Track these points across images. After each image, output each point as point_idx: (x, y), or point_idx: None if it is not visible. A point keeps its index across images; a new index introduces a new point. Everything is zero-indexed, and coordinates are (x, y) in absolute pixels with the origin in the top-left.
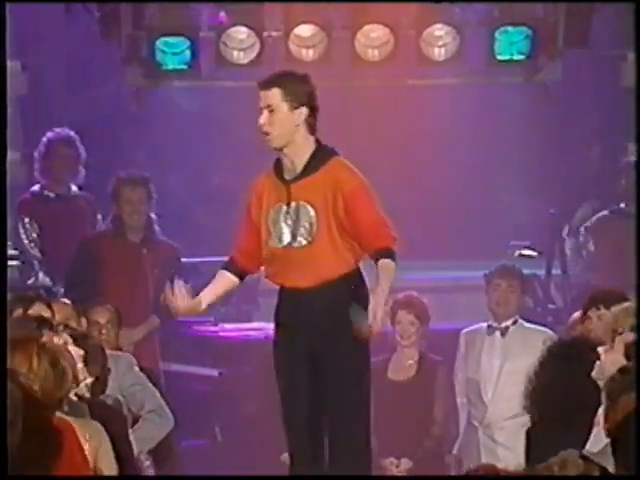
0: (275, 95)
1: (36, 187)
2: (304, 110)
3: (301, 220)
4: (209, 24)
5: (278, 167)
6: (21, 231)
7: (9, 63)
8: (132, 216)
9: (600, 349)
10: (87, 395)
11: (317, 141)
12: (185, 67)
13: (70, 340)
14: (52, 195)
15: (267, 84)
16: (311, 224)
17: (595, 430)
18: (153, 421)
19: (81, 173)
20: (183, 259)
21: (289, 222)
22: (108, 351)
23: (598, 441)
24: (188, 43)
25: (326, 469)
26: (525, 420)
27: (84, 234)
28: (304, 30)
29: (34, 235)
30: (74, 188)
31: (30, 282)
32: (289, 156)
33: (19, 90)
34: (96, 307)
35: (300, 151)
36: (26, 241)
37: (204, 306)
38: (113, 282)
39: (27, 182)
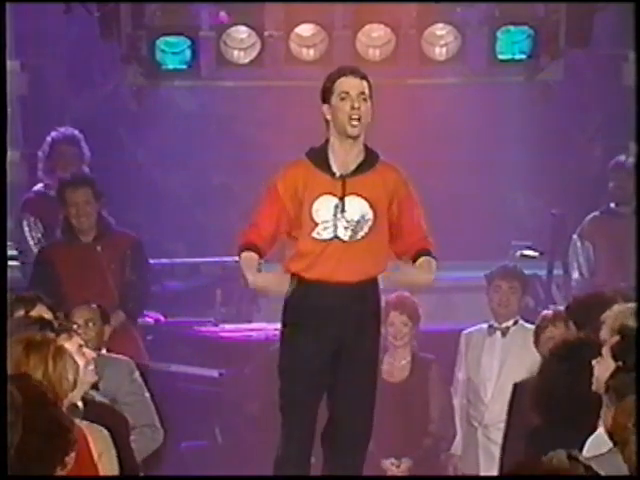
0: (367, 86)
1: (40, 186)
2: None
3: (355, 214)
4: (209, 24)
5: (321, 160)
6: (26, 229)
7: (9, 63)
8: (79, 219)
9: (593, 362)
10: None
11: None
12: (185, 67)
13: (83, 343)
14: (55, 194)
15: (358, 73)
16: (366, 219)
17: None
18: (145, 435)
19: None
20: (183, 259)
21: (339, 215)
22: (108, 354)
23: (602, 444)
24: (188, 43)
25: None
26: None
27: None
28: (305, 29)
29: (39, 235)
30: None
31: None
32: (349, 151)
33: (19, 90)
34: (75, 307)
35: (359, 148)
36: (31, 241)
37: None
38: (72, 286)
39: (27, 182)
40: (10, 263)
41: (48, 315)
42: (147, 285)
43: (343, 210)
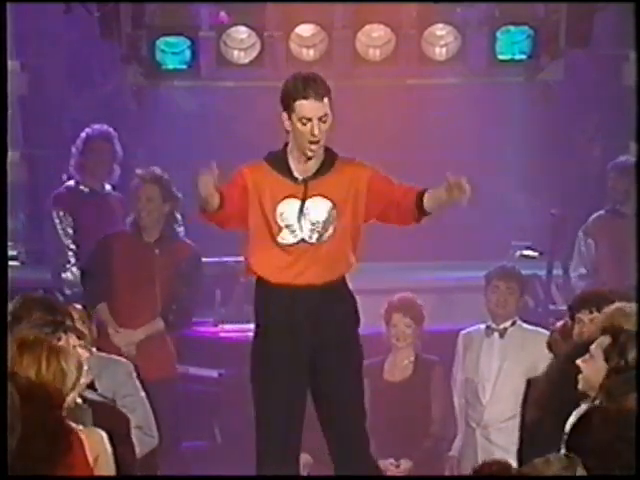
0: (327, 105)
1: (71, 182)
2: None
3: (320, 216)
4: (209, 24)
5: (281, 166)
6: (56, 221)
7: (8, 63)
8: (141, 213)
9: (578, 361)
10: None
11: None
12: (185, 67)
13: (79, 342)
14: (86, 190)
15: (318, 94)
16: (331, 220)
17: None
18: (136, 437)
19: (116, 172)
20: None
21: (303, 218)
22: (107, 355)
23: None
24: (188, 43)
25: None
26: None
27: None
28: (305, 30)
29: (69, 229)
30: (108, 187)
31: (65, 276)
32: (307, 157)
33: (19, 90)
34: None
35: (318, 154)
36: (63, 237)
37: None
38: (121, 281)
39: (27, 182)
40: (10, 263)
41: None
42: (194, 301)
43: (307, 212)
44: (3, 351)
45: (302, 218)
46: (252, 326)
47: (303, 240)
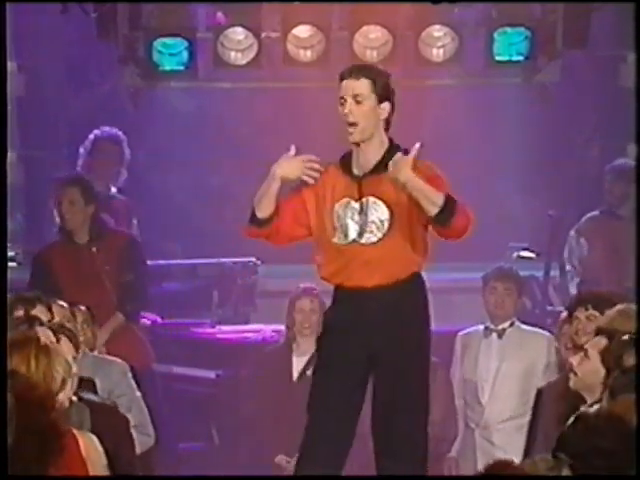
0: (364, 86)
1: None
2: (387, 106)
3: (370, 216)
4: (207, 25)
5: (346, 162)
6: (57, 220)
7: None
8: (65, 217)
9: (571, 359)
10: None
11: (390, 139)
12: (182, 68)
13: (71, 346)
14: None
15: (356, 74)
16: (382, 221)
17: None
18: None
19: (122, 175)
20: (180, 261)
21: (356, 218)
22: (102, 355)
23: None
24: (185, 44)
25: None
26: (521, 422)
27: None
28: (302, 31)
29: None
30: (113, 190)
31: None
32: (364, 151)
33: (16, 91)
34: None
35: (376, 147)
36: None
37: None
38: (68, 289)
39: (24, 183)
40: (10, 264)
41: (46, 316)
42: (145, 284)
43: (360, 212)
44: (3, 351)
45: (355, 218)
46: (249, 327)
47: (354, 241)
